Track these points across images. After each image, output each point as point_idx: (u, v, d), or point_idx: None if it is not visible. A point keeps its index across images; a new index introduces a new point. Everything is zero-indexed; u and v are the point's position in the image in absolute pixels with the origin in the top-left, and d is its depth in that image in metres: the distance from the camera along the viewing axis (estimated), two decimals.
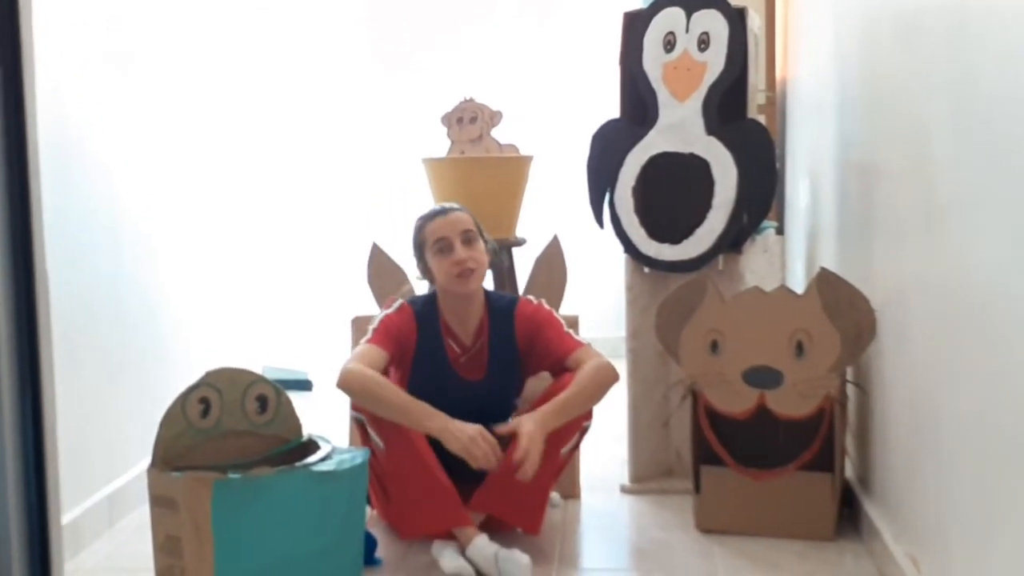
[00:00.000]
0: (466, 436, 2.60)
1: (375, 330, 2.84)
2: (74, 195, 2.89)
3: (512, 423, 2.67)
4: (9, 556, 1.33)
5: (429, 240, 2.88)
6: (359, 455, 2.49)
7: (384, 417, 2.70)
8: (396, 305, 2.92)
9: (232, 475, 2.26)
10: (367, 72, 5.68)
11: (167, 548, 2.31)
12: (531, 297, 3.00)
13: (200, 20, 3.88)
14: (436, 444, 2.69)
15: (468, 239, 2.86)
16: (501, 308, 2.95)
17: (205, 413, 2.41)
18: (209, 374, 2.44)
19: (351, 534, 2.49)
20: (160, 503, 2.32)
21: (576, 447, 2.94)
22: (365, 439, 2.83)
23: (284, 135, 5.09)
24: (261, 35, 4.78)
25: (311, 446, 2.51)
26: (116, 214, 3.17)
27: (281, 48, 5.07)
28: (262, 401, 2.50)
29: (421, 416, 2.65)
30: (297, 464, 2.37)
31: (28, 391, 1.35)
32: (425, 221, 2.92)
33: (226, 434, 2.44)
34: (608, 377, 2.79)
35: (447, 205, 2.97)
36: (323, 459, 2.41)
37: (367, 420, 2.78)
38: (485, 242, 2.93)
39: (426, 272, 2.95)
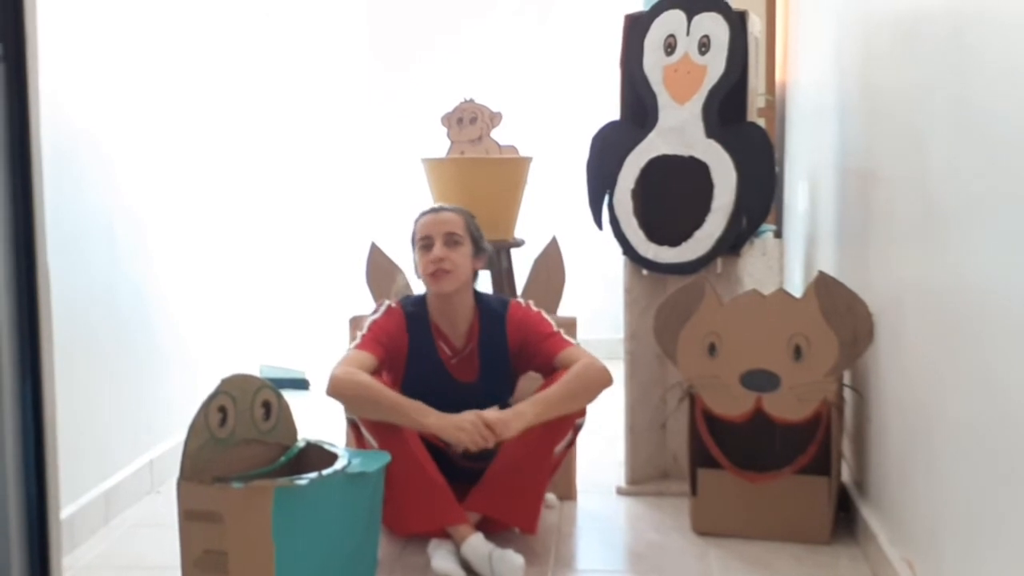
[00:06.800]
0: (466, 422, 2.63)
1: (364, 336, 2.85)
2: (71, 193, 2.89)
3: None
4: (8, 551, 1.34)
5: (417, 235, 2.92)
6: (380, 455, 2.52)
7: (378, 419, 2.71)
8: (383, 308, 2.93)
9: (297, 482, 2.24)
10: (366, 71, 5.68)
11: (205, 563, 2.23)
12: (521, 299, 3.01)
13: (201, 19, 3.88)
14: (429, 444, 2.70)
15: (451, 241, 2.87)
16: (492, 311, 2.95)
17: (223, 422, 2.35)
18: (225, 381, 2.37)
19: (373, 533, 2.52)
20: (195, 517, 2.24)
21: (570, 445, 2.94)
22: (359, 439, 2.83)
23: (283, 134, 5.08)
24: (261, 35, 4.78)
25: (311, 450, 2.50)
26: (113, 212, 3.17)
27: (281, 47, 5.07)
28: (267, 407, 2.46)
29: (417, 414, 2.66)
30: (338, 467, 2.35)
31: (28, 388, 1.35)
32: (419, 217, 2.97)
33: (238, 443, 2.38)
34: (596, 377, 2.79)
35: (444, 205, 3.00)
36: (350, 461, 2.41)
37: (361, 420, 2.78)
38: (481, 249, 2.93)
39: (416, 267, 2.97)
